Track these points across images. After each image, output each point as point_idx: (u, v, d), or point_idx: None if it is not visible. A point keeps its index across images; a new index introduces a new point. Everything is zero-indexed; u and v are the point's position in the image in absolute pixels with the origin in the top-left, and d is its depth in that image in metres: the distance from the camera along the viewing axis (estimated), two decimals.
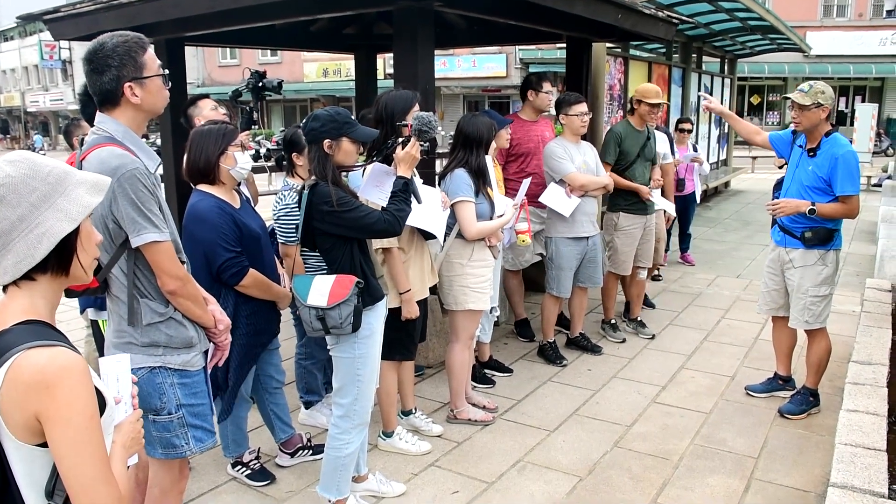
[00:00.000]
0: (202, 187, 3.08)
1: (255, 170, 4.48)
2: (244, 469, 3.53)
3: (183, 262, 2.40)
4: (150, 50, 2.29)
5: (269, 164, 4.32)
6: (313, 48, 8.36)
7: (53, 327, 1.43)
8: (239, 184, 3.27)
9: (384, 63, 23.49)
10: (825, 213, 3.89)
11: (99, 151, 2.21)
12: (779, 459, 3.70)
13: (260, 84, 4.29)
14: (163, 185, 2.59)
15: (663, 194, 5.94)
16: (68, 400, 1.32)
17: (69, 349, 1.37)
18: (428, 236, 3.66)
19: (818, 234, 3.98)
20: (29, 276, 1.40)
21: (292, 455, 3.68)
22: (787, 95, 4.02)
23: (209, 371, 2.61)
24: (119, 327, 2.35)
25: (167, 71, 2.35)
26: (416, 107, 3.55)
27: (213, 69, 35.08)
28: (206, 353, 2.56)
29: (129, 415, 1.60)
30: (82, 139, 2.42)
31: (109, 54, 2.20)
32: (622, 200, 5.37)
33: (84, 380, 1.35)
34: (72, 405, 1.32)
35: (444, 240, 3.81)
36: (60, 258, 1.43)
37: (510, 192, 4.68)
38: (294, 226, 3.53)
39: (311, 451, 3.70)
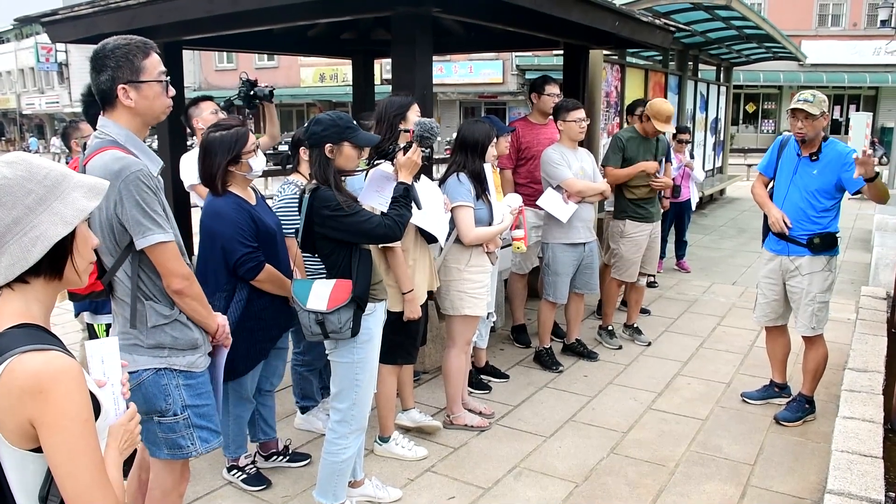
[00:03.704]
0: None
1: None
2: (240, 473, 3.52)
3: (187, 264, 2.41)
4: (154, 56, 2.29)
5: (272, 167, 4.41)
6: (311, 53, 8.36)
7: (48, 331, 1.41)
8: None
9: (381, 68, 23.54)
10: (878, 184, 3.79)
11: (102, 155, 2.23)
12: (775, 466, 3.70)
13: (251, 92, 4.30)
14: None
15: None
16: (63, 405, 1.30)
17: (64, 353, 1.35)
18: (430, 240, 3.66)
19: (825, 240, 4.00)
20: (22, 278, 1.39)
21: (266, 458, 3.68)
22: (796, 106, 3.91)
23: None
24: (124, 329, 2.36)
25: (168, 77, 2.35)
26: (417, 111, 3.57)
27: (210, 73, 35.08)
28: (210, 353, 2.57)
29: (121, 416, 1.58)
30: (84, 144, 2.43)
31: (108, 55, 2.23)
32: (628, 207, 5.37)
33: (79, 384, 1.33)
34: (66, 411, 1.30)
35: (446, 241, 3.82)
36: (54, 262, 1.41)
37: (524, 199, 4.66)
38: (293, 217, 3.54)
39: (286, 458, 3.70)
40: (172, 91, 2.37)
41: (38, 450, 1.33)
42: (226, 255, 3.09)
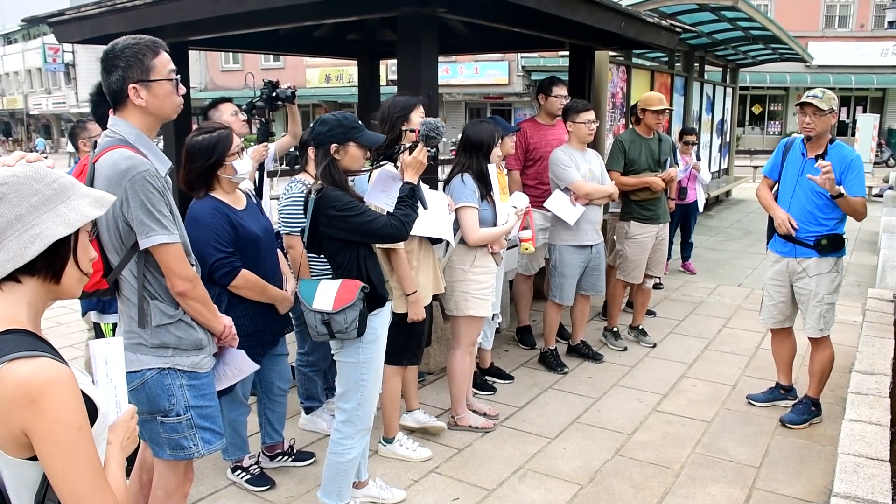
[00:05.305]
0: None
1: (269, 174, 4.61)
2: (244, 474, 3.52)
3: (192, 265, 2.42)
4: (163, 54, 2.29)
5: (284, 167, 4.41)
6: (317, 54, 8.37)
7: (38, 336, 1.38)
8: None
9: (386, 69, 23.57)
10: (850, 201, 3.82)
11: (111, 153, 2.24)
12: (780, 469, 3.69)
13: (273, 94, 4.31)
14: None
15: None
16: (55, 414, 1.27)
17: (54, 359, 1.31)
18: (434, 241, 3.66)
19: (832, 241, 3.99)
20: (15, 277, 1.36)
21: (272, 459, 3.68)
22: (804, 100, 3.91)
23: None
24: (129, 328, 2.37)
25: (178, 76, 2.35)
26: (420, 112, 3.57)
27: (216, 74, 35.14)
28: (215, 355, 2.57)
29: (122, 413, 1.57)
30: (95, 143, 2.43)
31: (118, 55, 2.24)
32: (633, 209, 5.35)
33: (70, 391, 1.30)
34: (59, 419, 1.27)
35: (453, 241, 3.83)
36: (50, 263, 1.40)
37: (532, 200, 4.67)
38: (299, 215, 3.53)
39: (291, 458, 3.71)
40: (183, 89, 2.38)
41: (34, 458, 1.31)
42: (201, 260, 3.01)
